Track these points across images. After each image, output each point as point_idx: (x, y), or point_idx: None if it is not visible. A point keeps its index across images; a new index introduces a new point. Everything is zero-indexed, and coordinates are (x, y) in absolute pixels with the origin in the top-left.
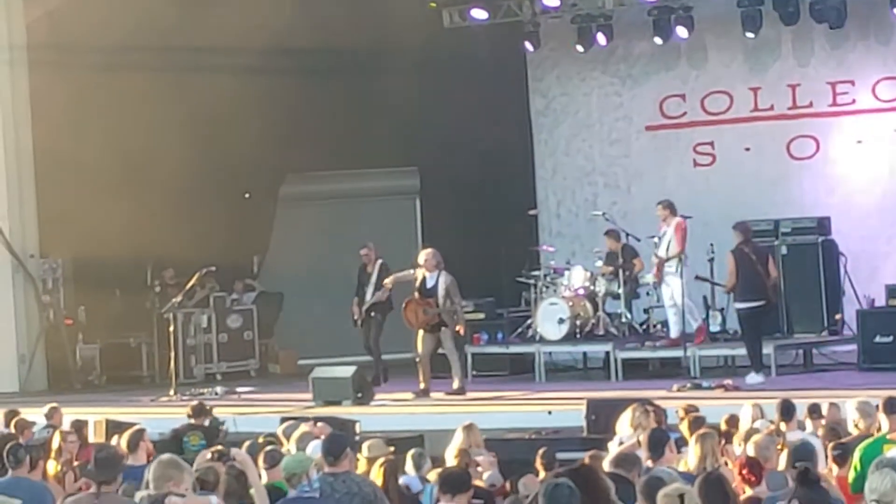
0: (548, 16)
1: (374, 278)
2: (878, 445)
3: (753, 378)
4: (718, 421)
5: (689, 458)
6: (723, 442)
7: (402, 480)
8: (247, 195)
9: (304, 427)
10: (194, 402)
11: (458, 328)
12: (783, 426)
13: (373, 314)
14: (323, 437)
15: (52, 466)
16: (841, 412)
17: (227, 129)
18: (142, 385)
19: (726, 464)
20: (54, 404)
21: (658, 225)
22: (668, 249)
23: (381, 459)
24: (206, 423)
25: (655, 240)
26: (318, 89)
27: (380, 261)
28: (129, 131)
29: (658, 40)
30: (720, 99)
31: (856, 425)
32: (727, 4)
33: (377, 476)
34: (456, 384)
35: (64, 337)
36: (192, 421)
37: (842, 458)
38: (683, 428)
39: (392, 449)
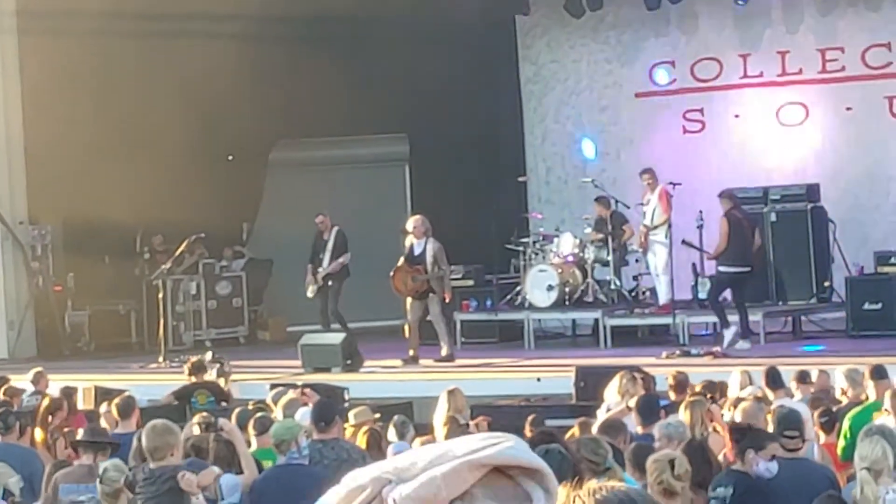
0: None
1: (330, 245)
2: (867, 413)
3: (729, 336)
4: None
5: None
6: (709, 405)
7: (393, 449)
8: (230, 157)
9: (291, 394)
10: (194, 359)
11: (444, 295)
12: (770, 394)
13: (329, 283)
14: (311, 403)
15: (41, 433)
16: (830, 379)
17: (217, 96)
18: (131, 352)
19: (715, 429)
20: (39, 369)
21: (642, 193)
22: (653, 217)
23: (365, 427)
24: (214, 373)
25: (644, 208)
26: (309, 56)
27: (335, 228)
28: (119, 98)
29: (647, 7)
30: (710, 66)
31: (844, 393)
32: None
33: (361, 443)
34: (444, 351)
35: (53, 304)
36: (194, 379)
37: (829, 425)
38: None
39: (378, 416)
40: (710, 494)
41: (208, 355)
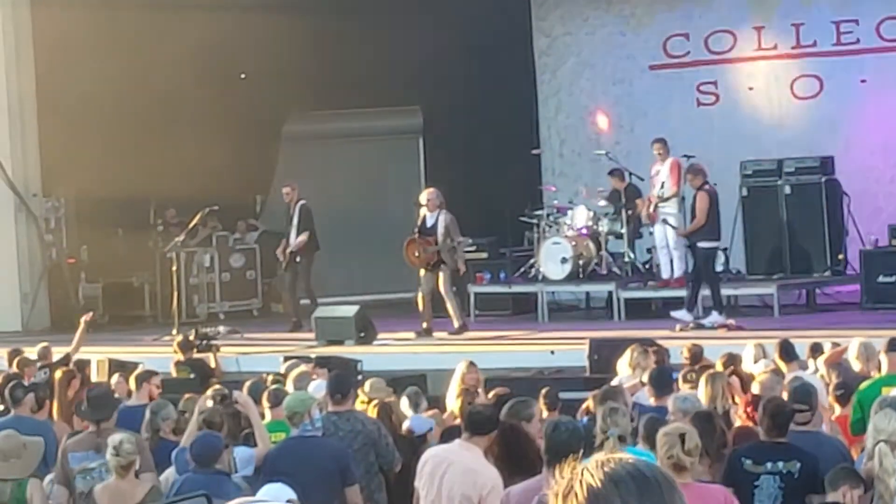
0: None
1: (295, 220)
2: (876, 387)
3: (716, 317)
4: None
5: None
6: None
7: (407, 424)
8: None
9: (302, 367)
10: (179, 338)
11: (458, 267)
12: (783, 367)
13: (297, 259)
14: (319, 378)
15: (57, 405)
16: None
17: (230, 68)
18: (144, 324)
19: (734, 400)
20: (45, 343)
21: (652, 162)
22: (663, 188)
23: (376, 400)
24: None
25: (654, 178)
26: (321, 27)
27: (301, 202)
28: (132, 70)
29: None
30: (724, 38)
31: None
32: None
33: (372, 415)
34: (457, 324)
35: (66, 276)
36: (181, 357)
37: (844, 398)
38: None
39: (392, 390)
40: (765, 469)
41: (192, 332)
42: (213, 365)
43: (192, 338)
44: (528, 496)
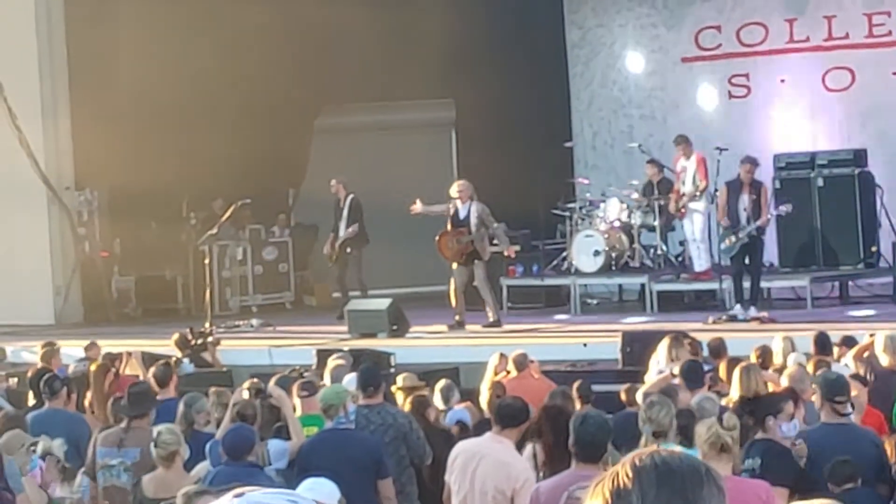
0: None
1: (345, 213)
2: None
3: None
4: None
5: (732, 392)
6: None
7: (452, 416)
8: None
9: (336, 359)
10: (176, 336)
11: (507, 250)
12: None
13: (348, 250)
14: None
15: (91, 398)
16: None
17: (264, 60)
18: (177, 317)
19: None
20: (93, 340)
21: (674, 158)
22: (694, 183)
23: (412, 395)
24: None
25: (681, 175)
26: (355, 20)
27: (351, 195)
28: (164, 63)
29: None
30: (756, 30)
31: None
32: None
33: (406, 409)
34: (491, 316)
35: (99, 269)
36: (179, 353)
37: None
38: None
39: (424, 383)
40: (742, 466)
41: (188, 331)
42: (211, 361)
43: (188, 336)
44: (558, 492)
